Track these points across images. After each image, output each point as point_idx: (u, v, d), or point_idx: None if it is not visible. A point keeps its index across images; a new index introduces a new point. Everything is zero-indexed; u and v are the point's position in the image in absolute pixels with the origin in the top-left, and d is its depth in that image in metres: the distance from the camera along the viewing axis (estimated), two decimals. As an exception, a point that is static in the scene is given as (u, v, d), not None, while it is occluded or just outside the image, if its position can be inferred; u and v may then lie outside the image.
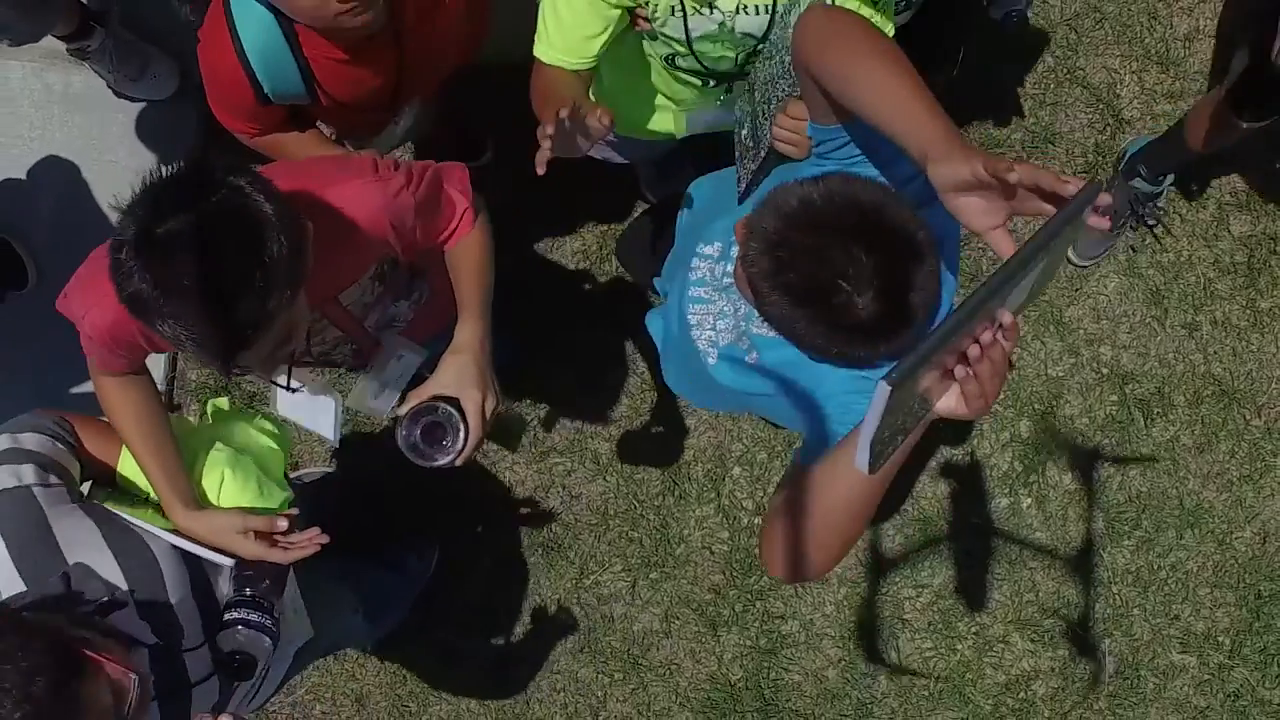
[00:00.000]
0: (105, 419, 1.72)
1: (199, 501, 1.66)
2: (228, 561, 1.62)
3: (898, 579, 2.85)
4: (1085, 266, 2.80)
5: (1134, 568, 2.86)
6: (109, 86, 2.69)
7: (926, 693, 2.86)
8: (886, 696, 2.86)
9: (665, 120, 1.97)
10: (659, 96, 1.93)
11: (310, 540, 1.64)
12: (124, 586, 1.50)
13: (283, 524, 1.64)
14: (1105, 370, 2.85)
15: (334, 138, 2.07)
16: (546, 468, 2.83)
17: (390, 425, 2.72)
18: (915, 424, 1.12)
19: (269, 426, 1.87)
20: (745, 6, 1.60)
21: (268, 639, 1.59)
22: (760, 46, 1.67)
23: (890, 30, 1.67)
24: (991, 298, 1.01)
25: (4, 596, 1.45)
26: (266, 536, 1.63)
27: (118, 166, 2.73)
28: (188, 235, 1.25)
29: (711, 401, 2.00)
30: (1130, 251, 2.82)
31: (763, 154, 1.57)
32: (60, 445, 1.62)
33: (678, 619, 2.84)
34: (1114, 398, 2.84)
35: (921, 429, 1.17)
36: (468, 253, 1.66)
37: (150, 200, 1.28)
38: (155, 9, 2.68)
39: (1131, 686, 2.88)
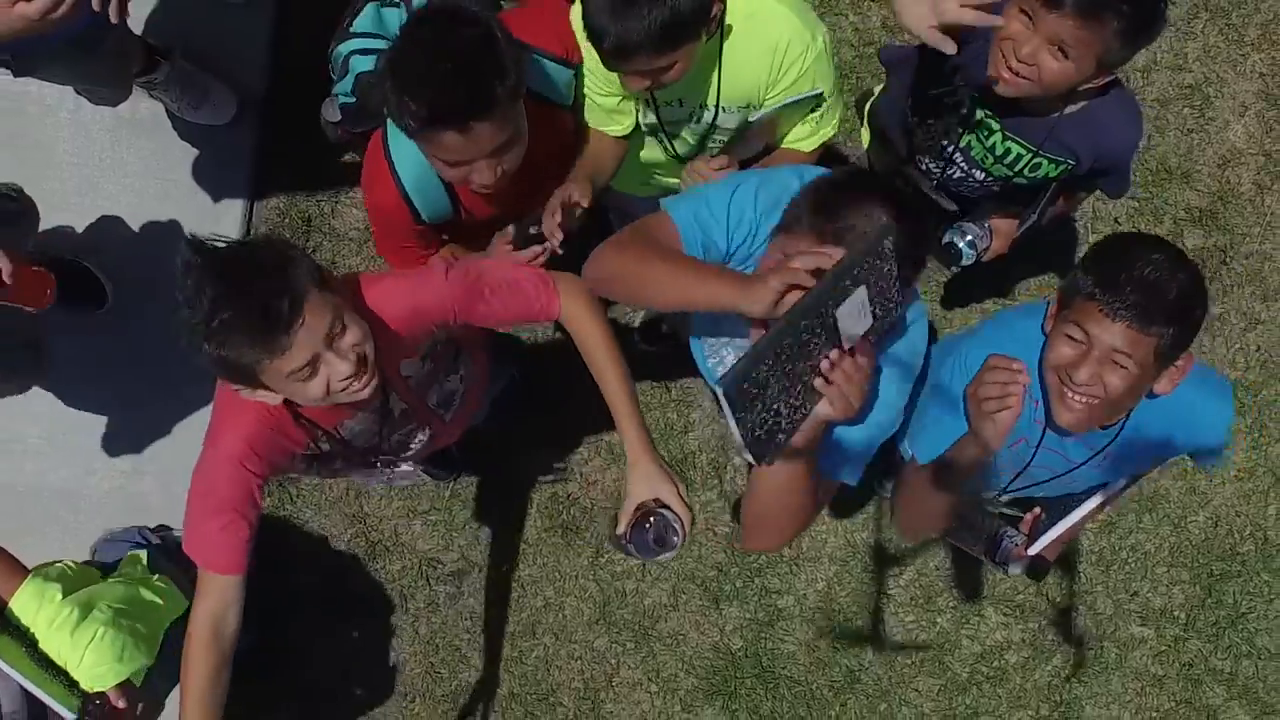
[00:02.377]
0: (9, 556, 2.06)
1: None
2: (69, 714, 1.97)
3: (883, 558, 3.13)
4: None
5: (1097, 549, 3.15)
6: (172, 113, 2.99)
7: (909, 661, 3.14)
8: (873, 664, 3.14)
9: (648, 187, 2.29)
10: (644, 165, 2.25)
11: None
12: None
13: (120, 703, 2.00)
14: (1072, 370, 3.14)
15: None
16: (566, 458, 3.11)
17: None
18: (796, 426, 1.42)
19: (161, 587, 2.24)
20: (705, 105, 1.95)
21: None
22: (716, 136, 2.05)
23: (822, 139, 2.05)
24: (810, 317, 1.34)
25: None
26: None
27: (179, 185, 3.02)
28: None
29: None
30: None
31: None
32: None
33: (684, 594, 3.13)
34: (1079, 394, 3.13)
35: (811, 431, 1.52)
36: (591, 346, 1.87)
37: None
38: (214, 44, 2.98)
39: (1095, 656, 3.16)
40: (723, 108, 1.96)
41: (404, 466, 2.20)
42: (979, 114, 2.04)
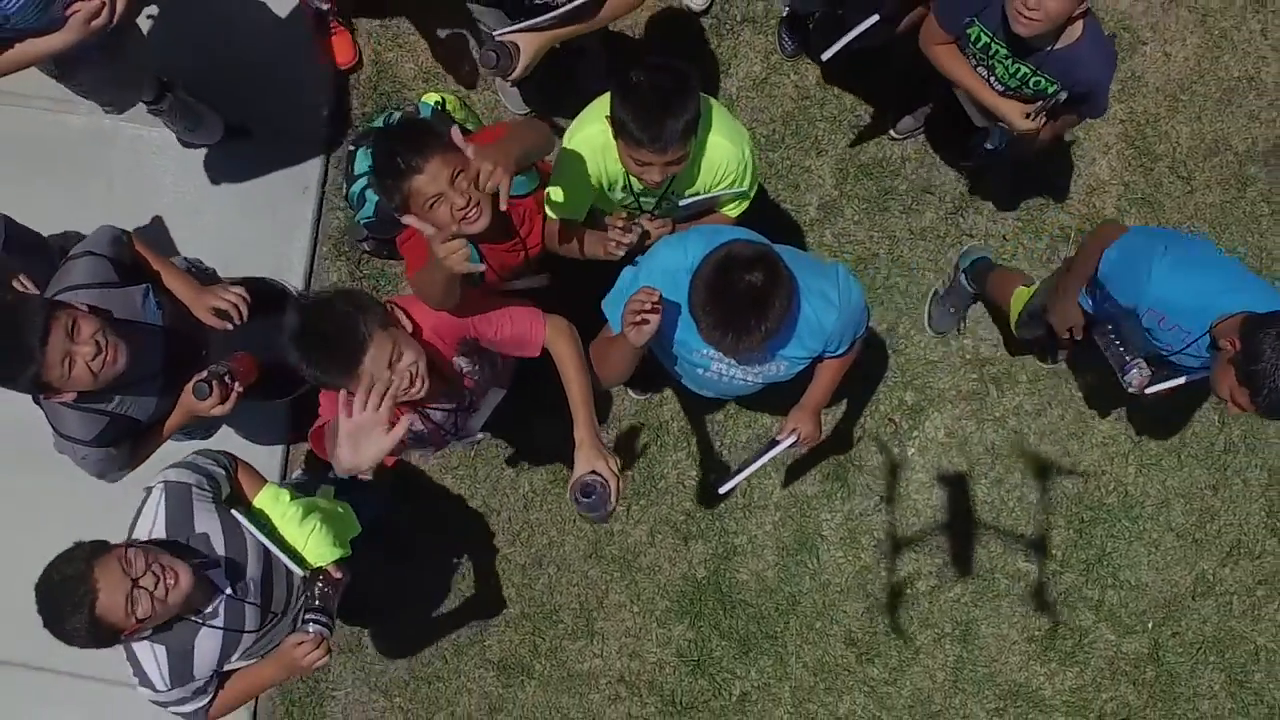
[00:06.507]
0: (254, 469, 2.72)
1: None
2: (299, 571, 2.58)
3: (816, 505, 3.89)
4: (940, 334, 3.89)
5: (990, 499, 3.91)
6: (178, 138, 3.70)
7: (838, 588, 3.90)
8: (810, 591, 3.90)
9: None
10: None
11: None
12: (221, 553, 2.53)
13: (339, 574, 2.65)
14: (969, 356, 3.90)
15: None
16: (565, 424, 3.86)
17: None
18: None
19: (344, 511, 2.93)
20: (667, 194, 2.73)
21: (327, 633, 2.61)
22: (664, 205, 2.81)
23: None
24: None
25: (149, 535, 2.48)
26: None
27: (260, 209, 3.79)
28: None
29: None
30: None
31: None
32: (222, 475, 2.65)
33: (659, 534, 3.88)
34: (974, 375, 3.88)
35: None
36: (564, 365, 2.60)
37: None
38: (281, 98, 3.74)
39: (989, 586, 3.91)
40: (675, 192, 2.73)
41: (477, 434, 3.00)
42: (994, 47, 2.82)
